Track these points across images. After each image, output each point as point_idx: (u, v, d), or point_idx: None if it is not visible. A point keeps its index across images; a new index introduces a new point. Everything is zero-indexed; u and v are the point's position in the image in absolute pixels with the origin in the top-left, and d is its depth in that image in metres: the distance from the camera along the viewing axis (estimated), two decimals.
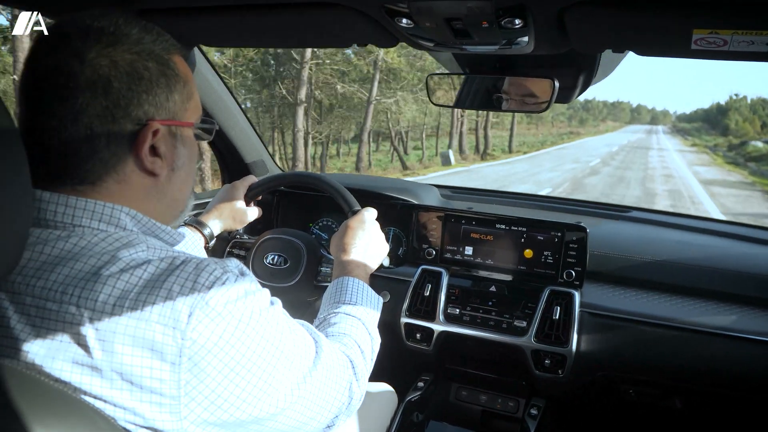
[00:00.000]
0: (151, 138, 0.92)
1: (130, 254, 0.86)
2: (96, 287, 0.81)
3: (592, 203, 2.75)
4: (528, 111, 1.76)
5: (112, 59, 0.88)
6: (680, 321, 1.88)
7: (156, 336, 0.80)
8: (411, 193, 2.40)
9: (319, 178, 1.80)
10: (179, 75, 0.97)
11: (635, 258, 2.10)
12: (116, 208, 0.91)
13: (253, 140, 2.58)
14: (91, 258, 0.84)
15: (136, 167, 0.94)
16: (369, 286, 1.43)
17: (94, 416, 0.78)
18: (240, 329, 0.85)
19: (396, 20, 1.32)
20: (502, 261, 2.13)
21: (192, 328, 0.81)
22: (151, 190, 0.98)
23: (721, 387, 1.88)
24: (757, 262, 2.04)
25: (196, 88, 1.04)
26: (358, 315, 1.32)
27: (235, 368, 0.85)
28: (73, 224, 0.89)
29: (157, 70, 0.92)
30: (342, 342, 1.21)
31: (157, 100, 0.93)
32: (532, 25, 1.26)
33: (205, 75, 2.17)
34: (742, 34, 1.12)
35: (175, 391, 0.82)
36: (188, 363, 0.81)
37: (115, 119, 0.89)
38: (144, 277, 0.83)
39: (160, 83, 0.93)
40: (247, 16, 1.54)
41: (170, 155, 0.98)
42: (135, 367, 0.80)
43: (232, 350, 0.84)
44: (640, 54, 1.38)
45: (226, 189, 1.79)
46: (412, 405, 2.12)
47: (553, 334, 1.95)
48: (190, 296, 0.82)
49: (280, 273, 1.93)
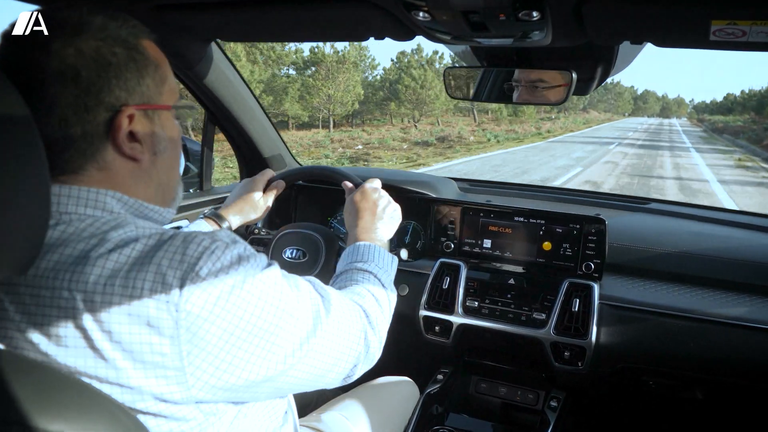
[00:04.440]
0: (127, 124, 0.92)
1: (118, 234, 0.86)
2: (86, 269, 0.82)
3: (611, 195, 2.74)
4: (545, 103, 1.76)
5: (77, 48, 0.88)
6: (700, 312, 1.87)
7: (150, 311, 0.80)
8: (429, 187, 2.40)
9: (325, 167, 1.80)
10: (149, 59, 0.97)
11: (654, 250, 2.09)
12: (101, 193, 0.92)
13: (270, 134, 2.59)
14: (80, 242, 0.85)
15: (117, 154, 0.94)
16: (381, 248, 1.41)
17: (112, 407, 0.78)
18: (235, 294, 0.85)
19: (413, 13, 1.32)
20: (521, 253, 2.13)
21: (185, 300, 0.81)
22: (136, 175, 0.98)
23: (741, 378, 1.87)
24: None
25: (171, 72, 1.03)
26: (371, 269, 1.31)
27: (235, 332, 0.85)
28: (60, 212, 0.89)
29: (125, 55, 0.92)
30: (354, 292, 1.21)
31: (128, 85, 0.93)
32: (550, 17, 1.26)
33: (223, 69, 2.18)
34: (761, 25, 1.11)
35: (178, 363, 0.82)
36: (186, 334, 0.82)
37: (88, 108, 0.89)
38: (133, 255, 0.83)
39: (130, 68, 0.93)
40: (264, 11, 1.55)
41: (149, 139, 0.98)
42: (135, 344, 0.81)
43: (229, 315, 0.84)
44: (658, 45, 1.37)
45: (245, 183, 1.79)
46: (431, 397, 2.13)
47: (573, 327, 1.95)
48: (179, 269, 0.82)
49: (299, 267, 1.94)
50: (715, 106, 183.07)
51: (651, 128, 72.96)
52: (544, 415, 2.08)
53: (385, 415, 1.81)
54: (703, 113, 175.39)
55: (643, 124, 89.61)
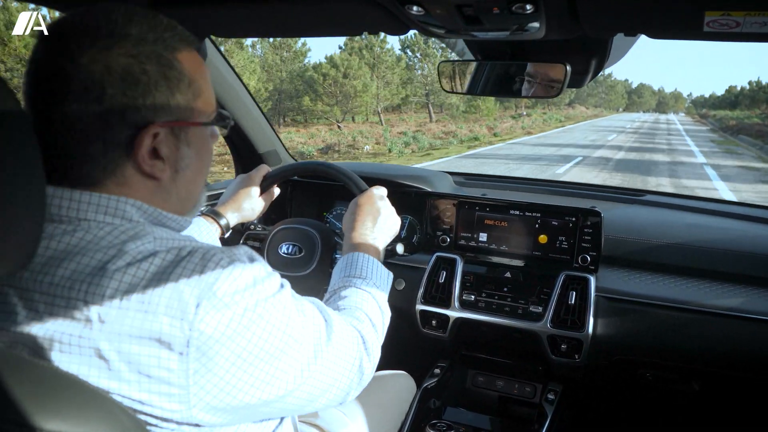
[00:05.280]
0: (150, 142, 0.90)
1: (136, 246, 0.85)
2: (103, 282, 0.81)
3: (607, 188, 2.74)
4: (540, 96, 1.76)
5: (105, 64, 0.85)
6: (696, 304, 1.87)
7: (164, 328, 0.80)
8: (424, 181, 2.40)
9: (328, 165, 1.79)
10: (184, 74, 0.93)
11: (650, 242, 2.10)
12: (121, 201, 0.90)
13: (266, 130, 2.59)
14: (97, 252, 0.84)
15: (136, 171, 0.92)
16: (379, 262, 1.41)
17: (111, 407, 0.78)
18: (247, 317, 0.85)
19: (407, 7, 1.32)
20: (517, 247, 2.14)
21: (200, 319, 0.81)
22: (155, 191, 0.96)
23: (737, 370, 1.88)
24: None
25: (207, 82, 1.00)
26: (369, 289, 1.31)
27: (242, 355, 0.85)
28: (78, 218, 0.88)
29: (157, 72, 0.89)
30: (353, 316, 1.20)
31: (156, 104, 0.90)
32: (543, 10, 1.26)
33: (217, 66, 2.17)
34: (755, 15, 1.11)
35: (184, 381, 0.82)
36: (196, 353, 0.81)
37: (110, 125, 0.87)
38: (151, 270, 0.82)
39: (160, 86, 0.90)
40: (258, 6, 1.54)
41: (173, 157, 0.95)
42: (143, 357, 0.80)
43: (240, 338, 0.84)
44: (651, 37, 1.37)
45: (240, 180, 1.78)
46: (429, 392, 2.13)
47: (569, 319, 1.95)
48: (197, 287, 0.82)
49: (295, 262, 1.94)
50: (715, 100, 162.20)
51: (644, 127, 57.53)
52: (541, 408, 2.08)
53: (383, 409, 1.81)
54: (702, 108, 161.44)
55: (635, 122, 72.52)
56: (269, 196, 1.81)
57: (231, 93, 2.30)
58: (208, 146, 1.05)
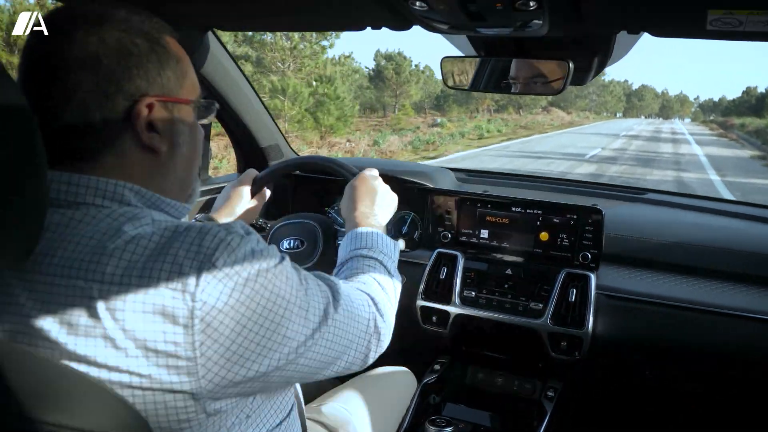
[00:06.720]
0: (146, 113, 0.93)
1: (134, 227, 0.86)
2: (102, 260, 0.82)
3: (608, 185, 2.75)
4: (543, 93, 1.76)
5: (99, 37, 0.89)
6: (697, 302, 1.87)
7: (166, 301, 0.81)
8: (426, 177, 2.40)
9: (314, 158, 1.78)
10: (171, 52, 0.98)
11: (651, 240, 2.10)
12: (119, 185, 0.92)
13: (268, 124, 2.59)
14: (96, 234, 0.85)
15: (135, 143, 0.94)
16: (384, 234, 1.41)
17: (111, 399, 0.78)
18: (249, 287, 0.86)
19: (410, 3, 1.32)
20: (518, 244, 2.14)
21: (201, 290, 0.82)
22: (154, 166, 0.98)
23: (737, 368, 1.88)
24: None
25: (191, 69, 1.05)
26: (376, 256, 1.32)
27: (248, 324, 0.86)
28: (77, 202, 0.90)
29: (147, 46, 0.94)
30: (360, 281, 1.22)
31: (148, 76, 0.94)
32: (547, 6, 1.25)
33: (220, 59, 2.17)
34: (758, 14, 1.11)
35: (191, 353, 0.82)
36: (200, 324, 0.82)
37: (108, 95, 0.90)
38: (149, 246, 0.84)
39: (151, 59, 0.94)
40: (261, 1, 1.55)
41: (169, 131, 0.98)
42: (148, 332, 0.81)
43: (243, 307, 0.85)
44: (655, 35, 1.37)
45: (230, 186, 1.78)
46: (429, 388, 2.13)
47: (570, 317, 1.95)
48: (196, 259, 0.83)
49: (297, 256, 1.94)
50: (729, 104, 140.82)
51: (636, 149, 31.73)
52: (541, 405, 2.08)
53: (384, 405, 1.81)
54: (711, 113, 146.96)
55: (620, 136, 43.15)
56: (262, 198, 1.81)
57: (233, 87, 2.30)
58: (198, 132, 1.09)
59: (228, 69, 2.24)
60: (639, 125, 74.89)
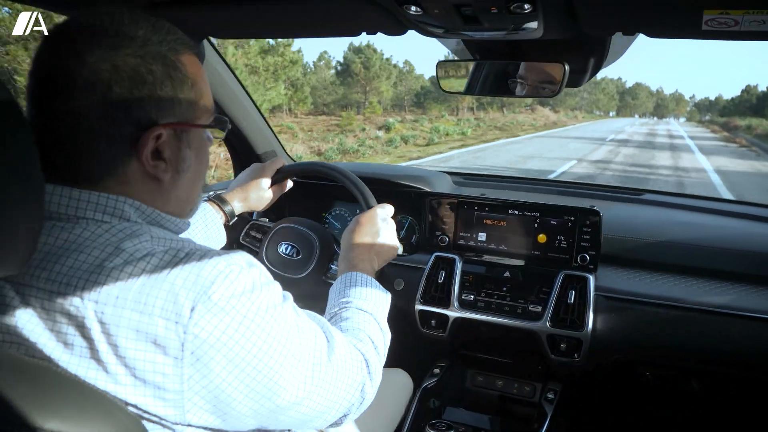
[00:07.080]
0: (153, 142, 0.91)
1: (133, 245, 0.85)
2: (99, 279, 0.81)
3: (605, 187, 2.75)
4: (539, 96, 1.76)
5: (113, 63, 0.86)
6: (695, 302, 1.87)
7: (159, 330, 0.80)
8: (423, 181, 2.40)
9: (344, 173, 1.78)
10: (187, 76, 0.95)
11: (649, 240, 2.10)
12: (120, 200, 0.91)
13: (264, 131, 2.58)
14: (94, 249, 0.84)
15: (138, 171, 0.93)
16: (377, 281, 1.42)
17: (110, 406, 0.78)
18: (244, 325, 0.84)
19: (405, 7, 1.32)
20: (516, 246, 2.14)
21: (194, 323, 0.80)
22: (155, 192, 0.97)
23: (736, 368, 1.88)
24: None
25: (207, 86, 1.02)
26: (370, 310, 1.31)
27: (240, 364, 0.84)
28: (77, 216, 0.88)
29: (162, 72, 0.91)
30: (357, 338, 1.20)
31: (161, 104, 0.91)
32: (541, 9, 1.26)
33: (216, 67, 2.17)
34: (753, 14, 1.12)
35: (179, 386, 0.82)
36: (191, 358, 0.81)
37: (116, 122, 0.88)
38: (147, 269, 0.82)
39: (165, 86, 0.91)
40: (256, 7, 1.55)
41: (175, 159, 0.97)
42: (138, 361, 0.80)
43: (236, 346, 0.83)
44: (650, 36, 1.38)
45: (253, 169, 1.78)
46: (428, 391, 2.13)
47: (569, 318, 1.95)
48: (192, 290, 0.81)
49: (291, 264, 1.94)
50: (729, 103, 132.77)
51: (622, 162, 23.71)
52: (541, 407, 2.08)
53: (380, 406, 1.81)
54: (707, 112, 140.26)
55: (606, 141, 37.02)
56: (279, 189, 1.82)
57: (229, 94, 2.30)
58: (207, 149, 1.07)
59: (224, 77, 2.24)
60: (631, 126, 70.37)
